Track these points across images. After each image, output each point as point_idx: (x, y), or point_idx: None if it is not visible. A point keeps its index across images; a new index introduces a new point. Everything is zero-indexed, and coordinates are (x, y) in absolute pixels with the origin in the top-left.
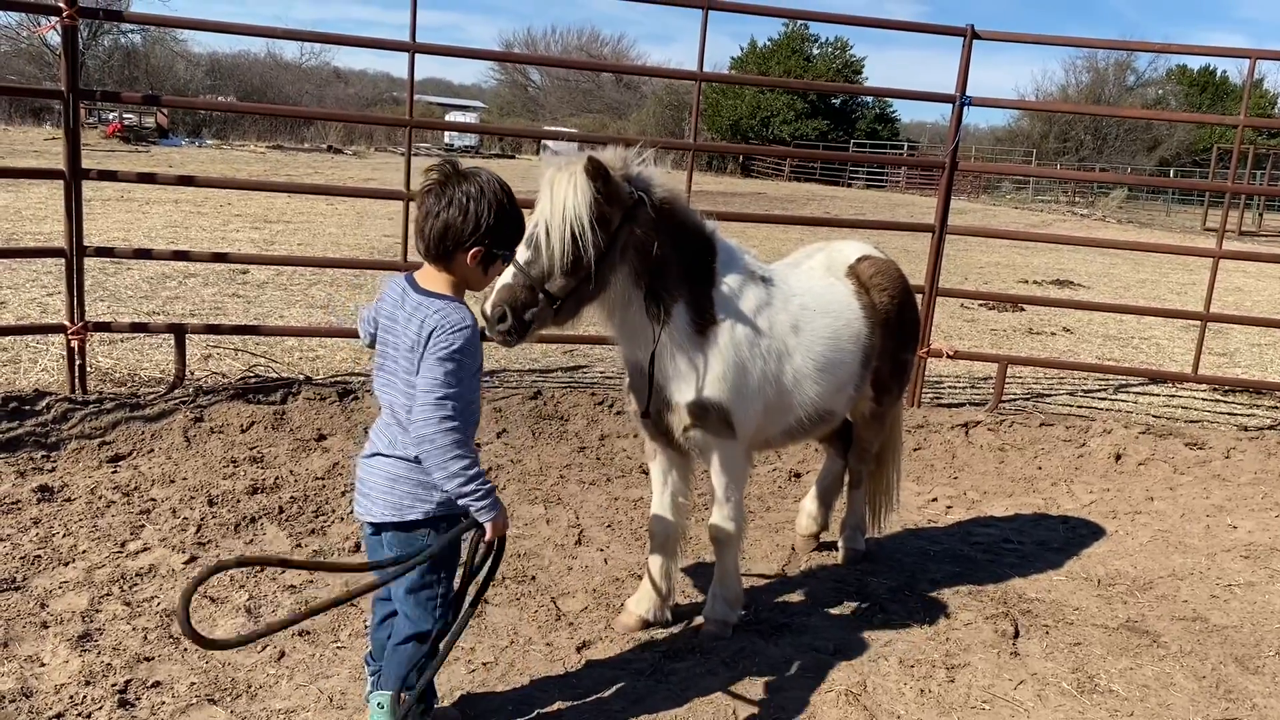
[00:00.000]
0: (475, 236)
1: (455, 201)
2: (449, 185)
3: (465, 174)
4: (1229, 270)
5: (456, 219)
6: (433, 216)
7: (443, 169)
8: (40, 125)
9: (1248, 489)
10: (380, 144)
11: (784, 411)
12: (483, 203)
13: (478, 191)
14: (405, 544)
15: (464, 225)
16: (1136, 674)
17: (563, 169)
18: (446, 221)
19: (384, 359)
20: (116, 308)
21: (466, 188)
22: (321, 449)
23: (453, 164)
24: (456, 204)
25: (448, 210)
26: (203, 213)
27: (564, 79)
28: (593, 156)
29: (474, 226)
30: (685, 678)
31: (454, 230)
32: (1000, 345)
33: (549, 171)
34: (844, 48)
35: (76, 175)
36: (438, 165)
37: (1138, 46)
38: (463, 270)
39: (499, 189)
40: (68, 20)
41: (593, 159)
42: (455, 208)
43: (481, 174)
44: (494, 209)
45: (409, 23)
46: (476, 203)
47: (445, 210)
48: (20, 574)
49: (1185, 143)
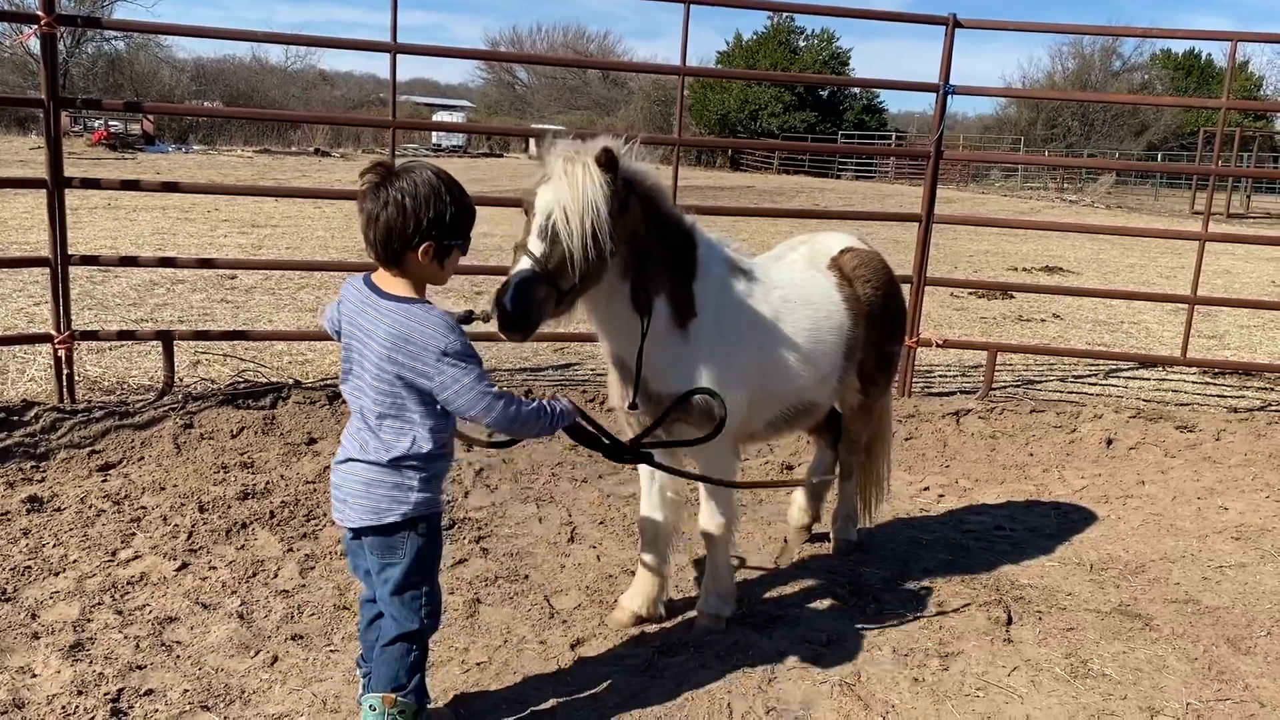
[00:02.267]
0: (420, 233)
1: (392, 201)
2: (383, 186)
3: (399, 172)
4: (1217, 253)
5: (396, 219)
6: (373, 221)
7: (376, 171)
8: (26, 135)
9: (1238, 471)
10: (368, 146)
11: (767, 403)
12: (419, 196)
13: (412, 187)
14: (385, 547)
15: (405, 223)
16: (1129, 658)
17: (574, 159)
18: (387, 224)
19: (350, 364)
20: (104, 316)
21: (401, 185)
22: (312, 453)
23: (385, 165)
24: (394, 204)
25: (385, 211)
26: (190, 219)
27: (551, 76)
28: (607, 146)
29: (416, 223)
30: (680, 673)
31: (397, 231)
32: (990, 333)
33: (559, 162)
34: (830, 40)
35: (59, 184)
36: (370, 168)
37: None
38: (417, 269)
39: (436, 180)
40: (46, 28)
41: (608, 149)
42: (393, 207)
43: (416, 169)
44: (433, 202)
45: (390, 24)
46: (414, 199)
47: (383, 211)
48: (10, 585)
49: (1172, 127)
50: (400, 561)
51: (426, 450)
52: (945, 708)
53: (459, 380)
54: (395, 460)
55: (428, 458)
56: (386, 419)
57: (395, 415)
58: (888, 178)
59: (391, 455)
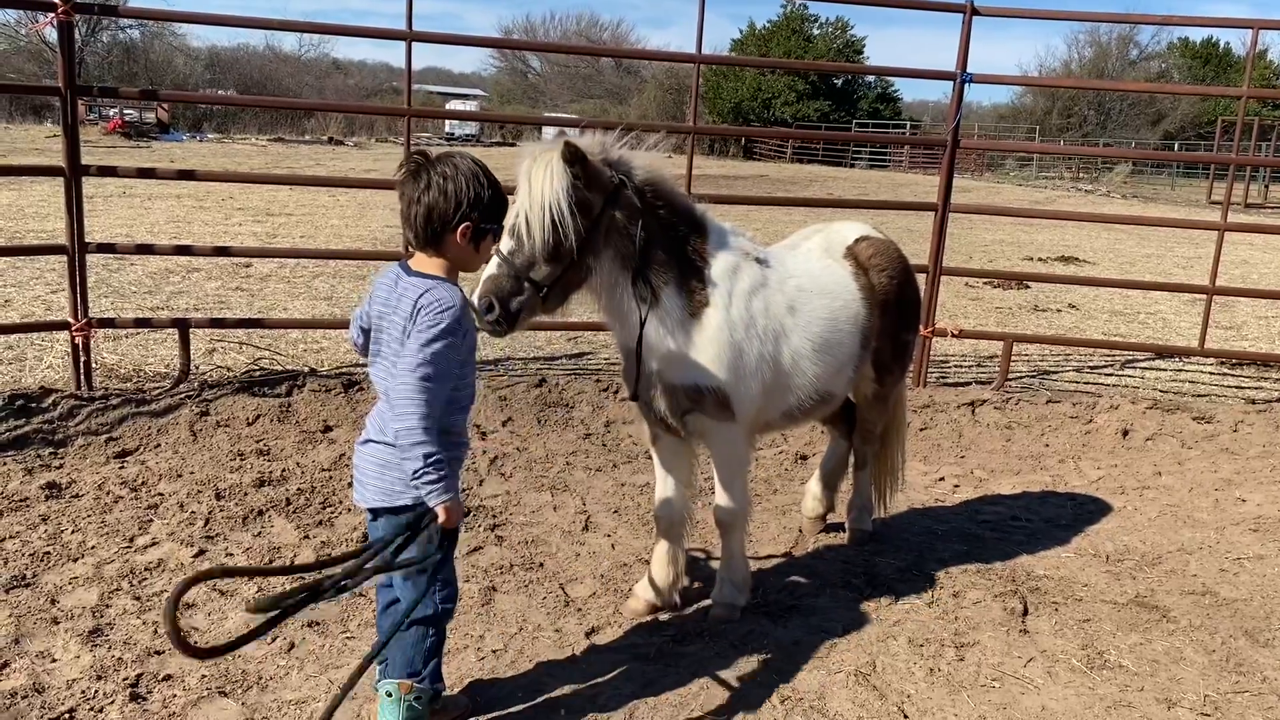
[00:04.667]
0: (460, 213)
1: (434, 184)
2: (423, 171)
3: (438, 158)
4: (1235, 243)
5: (438, 200)
6: (415, 203)
7: (414, 158)
8: (41, 123)
9: (1256, 462)
10: (381, 134)
11: (782, 393)
12: (460, 180)
13: (453, 170)
14: (398, 528)
15: (447, 204)
16: (1146, 649)
17: (539, 156)
18: (429, 205)
19: (380, 345)
20: (120, 304)
21: (442, 169)
22: (327, 440)
23: (423, 153)
24: (435, 186)
25: (428, 194)
26: (205, 207)
27: (564, 65)
28: (569, 141)
29: (457, 203)
30: (694, 661)
31: (438, 211)
32: (1005, 323)
33: (525, 161)
34: (844, 27)
35: (76, 171)
36: (409, 156)
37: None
38: (455, 251)
39: (474, 165)
40: (63, 16)
41: (569, 144)
42: (435, 190)
43: (454, 155)
44: (472, 184)
45: (405, 11)
46: (454, 181)
47: (426, 194)
48: (30, 571)
49: (1189, 116)
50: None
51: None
52: (961, 698)
53: (419, 350)
54: None
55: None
56: None
57: None
58: (901, 167)
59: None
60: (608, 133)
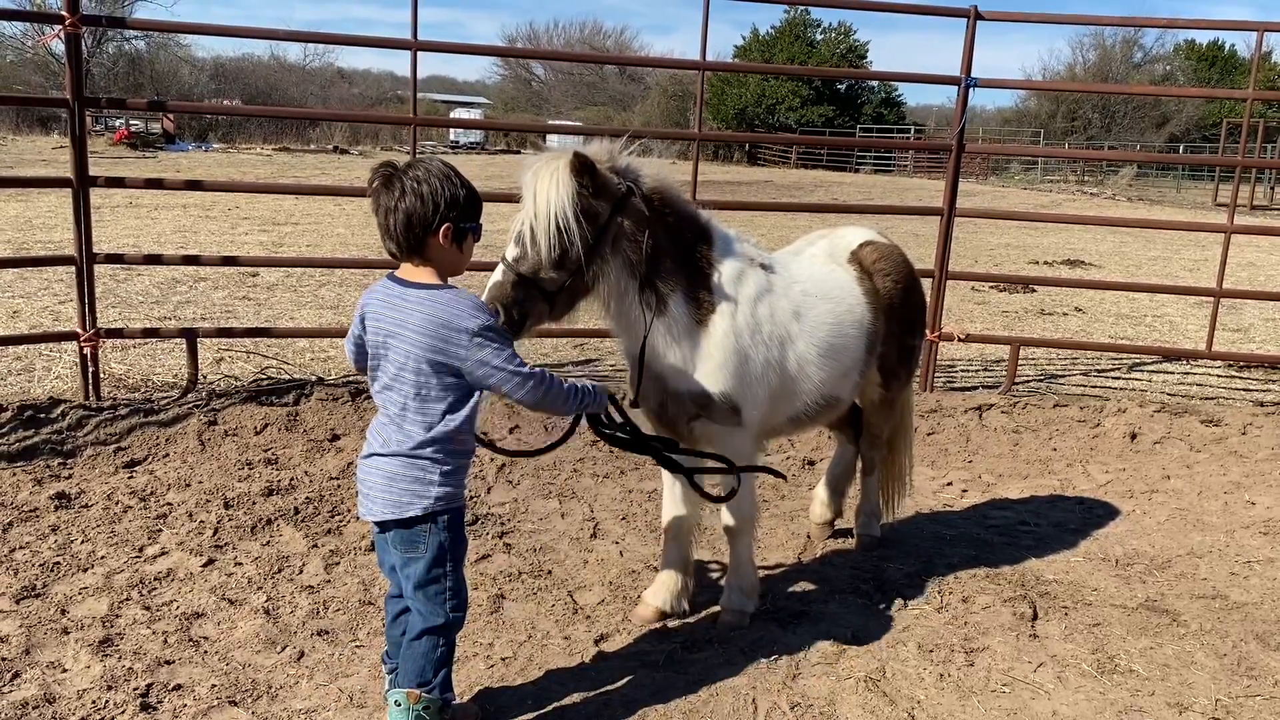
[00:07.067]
0: (439, 215)
1: (409, 190)
2: (396, 179)
3: (407, 165)
4: (1241, 245)
5: (415, 205)
6: (393, 212)
7: (384, 168)
8: (48, 134)
9: (1265, 465)
10: (386, 143)
11: (789, 398)
12: (434, 182)
13: (425, 174)
14: (407, 541)
15: (424, 208)
16: (1157, 653)
17: (545, 164)
18: (407, 210)
19: (379, 362)
20: (128, 314)
21: (414, 174)
22: (335, 449)
23: (390, 163)
24: (410, 191)
25: (404, 200)
26: (211, 217)
27: (568, 73)
28: (578, 151)
29: (435, 206)
30: (704, 668)
31: (417, 216)
32: (1012, 327)
33: (532, 168)
34: (847, 33)
35: (84, 182)
36: (377, 167)
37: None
38: (439, 254)
39: (444, 167)
40: (71, 28)
41: (578, 154)
42: (411, 195)
43: (422, 160)
44: (446, 185)
45: (410, 21)
46: (428, 184)
47: (402, 201)
48: (40, 581)
49: (1194, 118)
50: (423, 555)
51: (447, 432)
52: (971, 703)
53: (491, 359)
54: (417, 448)
55: (448, 448)
56: (410, 408)
57: (419, 403)
58: (906, 171)
59: (413, 443)
60: (616, 140)
